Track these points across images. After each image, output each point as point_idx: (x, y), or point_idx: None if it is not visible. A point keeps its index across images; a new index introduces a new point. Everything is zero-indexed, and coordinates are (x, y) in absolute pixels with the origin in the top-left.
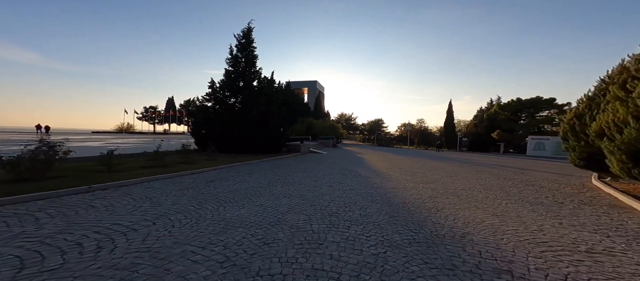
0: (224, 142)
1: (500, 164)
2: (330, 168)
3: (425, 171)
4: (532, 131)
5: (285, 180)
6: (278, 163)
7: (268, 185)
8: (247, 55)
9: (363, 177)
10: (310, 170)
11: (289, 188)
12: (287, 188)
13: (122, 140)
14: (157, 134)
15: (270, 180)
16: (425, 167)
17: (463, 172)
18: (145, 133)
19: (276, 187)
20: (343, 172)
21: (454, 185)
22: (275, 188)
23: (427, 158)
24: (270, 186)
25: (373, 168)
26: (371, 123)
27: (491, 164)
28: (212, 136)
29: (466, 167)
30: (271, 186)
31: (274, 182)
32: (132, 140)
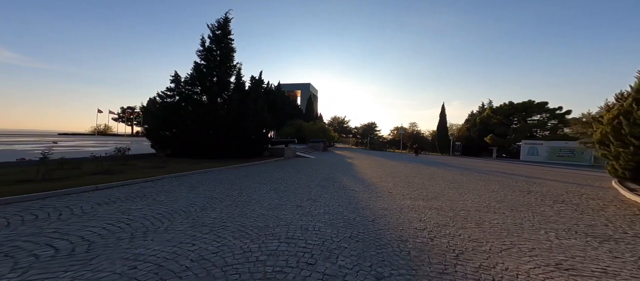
0: (186, 145)
1: (500, 170)
2: (310, 176)
3: (423, 180)
4: (524, 135)
5: (238, 197)
6: (247, 172)
7: (202, 208)
8: (223, 48)
9: (347, 190)
10: (283, 181)
11: (232, 212)
12: (228, 212)
13: (78, 143)
14: (134, 136)
15: (214, 197)
16: (422, 175)
17: (467, 181)
18: (121, 135)
19: (212, 211)
20: (324, 183)
21: (464, 201)
22: (210, 212)
23: (422, 164)
24: (204, 209)
25: (362, 177)
26: (364, 126)
27: (491, 170)
28: (172, 138)
29: (467, 174)
30: (206, 209)
31: (217, 201)
32: (92, 143)
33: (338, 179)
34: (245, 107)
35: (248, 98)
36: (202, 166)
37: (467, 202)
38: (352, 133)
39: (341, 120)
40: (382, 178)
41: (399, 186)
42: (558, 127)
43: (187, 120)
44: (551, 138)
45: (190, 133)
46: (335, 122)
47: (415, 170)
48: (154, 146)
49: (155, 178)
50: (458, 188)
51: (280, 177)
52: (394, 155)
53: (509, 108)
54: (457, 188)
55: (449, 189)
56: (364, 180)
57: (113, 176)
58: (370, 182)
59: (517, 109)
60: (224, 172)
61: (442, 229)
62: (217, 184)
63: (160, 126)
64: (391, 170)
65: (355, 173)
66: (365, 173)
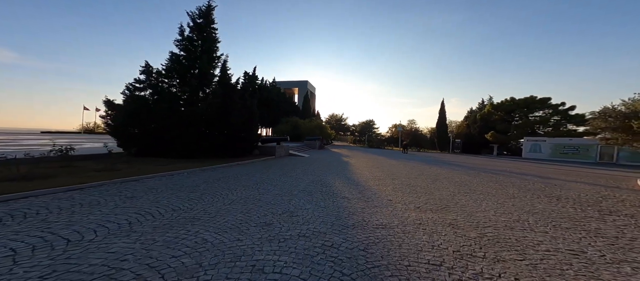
0: (157, 143)
1: (508, 169)
2: (298, 179)
3: (427, 182)
4: (526, 132)
5: (186, 210)
6: (223, 174)
7: (108, 234)
8: (205, 38)
9: (338, 197)
10: (262, 185)
11: (153, 239)
12: (144, 242)
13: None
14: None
15: (148, 212)
16: (425, 176)
17: (477, 184)
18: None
19: (121, 239)
20: (312, 188)
21: (485, 212)
22: (115, 241)
23: (423, 163)
24: (109, 236)
25: (357, 180)
26: (362, 124)
27: (498, 169)
28: (141, 135)
29: (474, 174)
30: (113, 235)
31: (145, 221)
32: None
33: (329, 182)
34: (230, 102)
35: (233, 92)
36: (171, 167)
37: (488, 212)
38: (350, 131)
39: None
40: (380, 181)
41: (399, 191)
42: (561, 123)
43: (159, 116)
44: (554, 134)
45: (163, 130)
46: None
47: (416, 170)
48: (121, 144)
49: (88, 185)
50: (470, 193)
51: (261, 180)
52: (392, 153)
53: (510, 104)
54: (469, 192)
55: (460, 194)
56: (359, 184)
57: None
58: (366, 186)
59: (519, 105)
60: (195, 175)
61: (468, 263)
62: (171, 192)
63: (127, 122)
64: (390, 170)
65: (351, 174)
66: (361, 175)
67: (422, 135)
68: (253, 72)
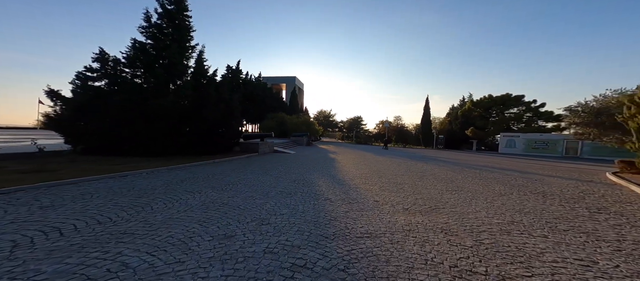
0: (114, 139)
1: (489, 165)
2: (278, 178)
3: (414, 179)
4: (502, 128)
5: (122, 224)
6: (192, 174)
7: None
8: (177, 25)
9: (319, 199)
10: (234, 186)
11: None
12: None
13: None
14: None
15: (61, 229)
16: (412, 173)
17: (463, 180)
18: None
19: None
20: (291, 188)
21: (477, 213)
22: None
23: (409, 159)
24: None
25: (342, 178)
26: (350, 120)
27: (480, 165)
28: (95, 131)
29: (458, 170)
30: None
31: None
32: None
33: (312, 181)
34: (204, 95)
35: (208, 85)
36: (129, 167)
37: (480, 213)
38: (338, 127)
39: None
40: (366, 179)
41: (386, 189)
42: (533, 120)
43: (115, 108)
44: (527, 130)
45: (121, 124)
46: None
47: (402, 167)
48: (70, 141)
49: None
50: (457, 191)
51: (235, 181)
52: (379, 149)
53: (488, 101)
54: (457, 190)
55: (448, 192)
56: (344, 182)
57: None
58: (351, 185)
59: (496, 102)
60: (156, 176)
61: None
62: (111, 198)
63: (75, 116)
64: (377, 167)
65: (336, 171)
66: (347, 172)
67: (407, 131)
68: (237, 66)
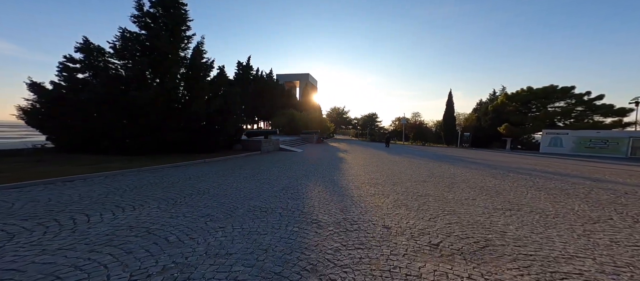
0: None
1: (537, 168)
2: (263, 186)
3: (442, 189)
4: (545, 124)
5: None
6: (165, 179)
7: None
8: (170, 15)
9: (303, 222)
10: (197, 197)
11: None
12: None
13: None
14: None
15: None
16: (438, 178)
17: (514, 192)
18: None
19: None
20: (272, 203)
21: (583, 263)
22: None
23: (430, 159)
24: None
25: (346, 185)
26: (364, 117)
27: (525, 168)
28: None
29: (500, 175)
30: None
31: None
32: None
33: (305, 189)
34: (197, 88)
35: (203, 77)
36: (95, 168)
37: (577, 259)
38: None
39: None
40: (376, 187)
41: (402, 205)
42: (586, 115)
43: (92, 101)
44: (577, 127)
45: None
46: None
47: (424, 170)
48: (50, 138)
49: None
50: (514, 211)
51: (205, 189)
52: (394, 147)
53: (527, 94)
54: (512, 209)
55: (499, 213)
56: (347, 192)
57: None
58: (355, 196)
59: (537, 95)
60: (117, 179)
61: None
62: (49, 208)
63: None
64: (392, 170)
65: (340, 175)
66: (354, 177)
67: (427, 128)
68: (247, 62)
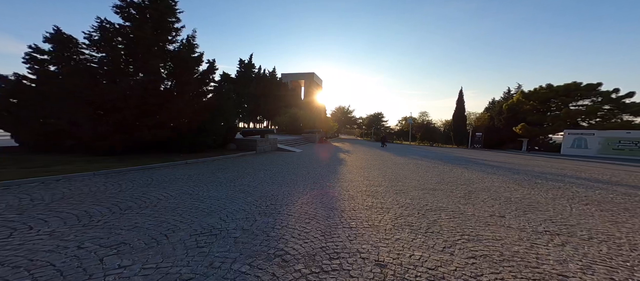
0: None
1: (567, 173)
2: (233, 197)
3: (458, 201)
4: (566, 124)
5: None
6: (114, 186)
7: None
8: (159, 5)
9: (261, 254)
10: (120, 219)
11: None
12: None
13: None
14: None
15: None
16: (450, 184)
17: (553, 206)
18: None
19: None
20: (230, 223)
21: None
22: None
23: (440, 161)
24: None
25: (336, 194)
26: (370, 117)
27: (553, 173)
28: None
29: (525, 182)
30: None
31: None
32: None
33: (285, 203)
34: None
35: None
36: (31, 173)
37: None
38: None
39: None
40: (374, 197)
41: (406, 226)
42: (614, 114)
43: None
44: (603, 127)
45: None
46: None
47: (433, 174)
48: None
49: None
50: (570, 239)
51: (155, 201)
52: (400, 147)
53: (546, 92)
54: (566, 236)
55: (552, 243)
56: (336, 205)
57: None
58: (345, 211)
59: (558, 93)
60: (54, 183)
61: None
62: None
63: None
64: (395, 174)
65: (334, 182)
66: (350, 183)
67: (435, 128)
68: (249, 60)
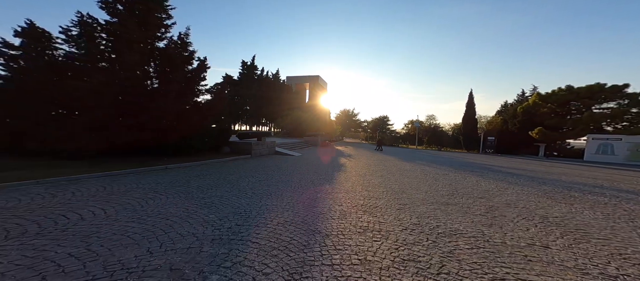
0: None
1: (601, 182)
2: (197, 212)
3: (480, 224)
4: (589, 129)
5: None
6: (60, 197)
7: None
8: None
9: None
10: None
11: None
12: None
13: None
14: None
15: None
16: (465, 198)
17: (631, 236)
18: None
19: None
20: (146, 264)
21: None
22: None
23: (451, 167)
24: None
25: (325, 209)
26: (375, 120)
27: (588, 183)
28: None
29: (567, 196)
30: None
31: None
32: None
33: (255, 224)
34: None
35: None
36: None
37: None
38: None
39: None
40: (373, 215)
41: (411, 263)
42: None
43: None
44: (629, 132)
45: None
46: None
47: (444, 184)
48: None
49: None
50: None
51: (74, 222)
52: (407, 152)
53: (565, 94)
54: None
55: None
56: (321, 227)
57: None
58: (330, 239)
59: (579, 95)
60: None
61: None
62: None
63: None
64: (398, 184)
65: (326, 193)
66: (346, 194)
67: (443, 131)
68: (252, 61)
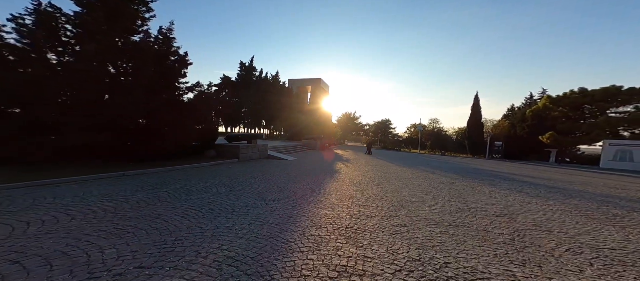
0: None
1: (635, 193)
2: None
3: (509, 262)
4: (605, 134)
5: None
6: None
7: None
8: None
9: None
10: None
11: None
12: None
13: None
14: None
15: None
16: (484, 220)
17: None
18: None
19: None
20: None
21: None
22: None
23: (456, 174)
24: None
25: (297, 236)
26: (377, 123)
27: (621, 195)
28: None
29: (611, 216)
30: None
31: None
32: None
33: (188, 260)
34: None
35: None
36: None
37: None
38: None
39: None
40: (360, 243)
41: None
42: None
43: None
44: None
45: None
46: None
47: (451, 195)
48: None
49: None
50: None
51: None
52: (409, 156)
53: (578, 97)
54: None
55: None
56: (274, 276)
57: None
58: None
59: (594, 98)
60: None
61: None
62: None
63: None
64: (397, 196)
65: (309, 209)
66: (332, 210)
67: (446, 135)
68: (250, 63)
